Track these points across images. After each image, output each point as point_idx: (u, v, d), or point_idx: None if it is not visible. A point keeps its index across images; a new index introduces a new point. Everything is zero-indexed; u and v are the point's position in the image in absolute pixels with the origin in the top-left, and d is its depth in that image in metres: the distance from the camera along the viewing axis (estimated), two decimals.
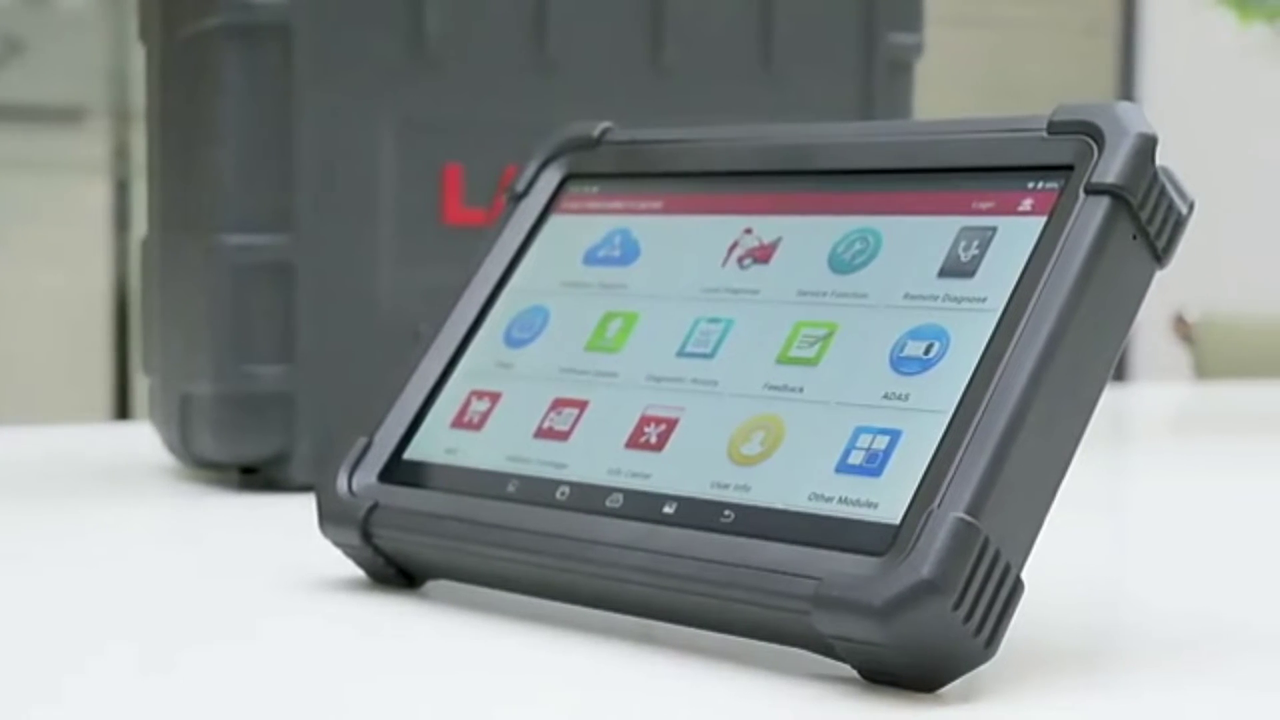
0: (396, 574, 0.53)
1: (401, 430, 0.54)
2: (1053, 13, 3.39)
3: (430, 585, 0.54)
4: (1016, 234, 0.46)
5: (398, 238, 0.75)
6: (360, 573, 0.54)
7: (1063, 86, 3.28)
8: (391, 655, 0.47)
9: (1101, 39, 3.45)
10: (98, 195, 2.63)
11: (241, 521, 0.68)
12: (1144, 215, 0.45)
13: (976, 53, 3.26)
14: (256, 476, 0.75)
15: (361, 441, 0.54)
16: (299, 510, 0.61)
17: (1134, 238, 0.45)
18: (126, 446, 0.91)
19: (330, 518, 0.53)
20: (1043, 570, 0.45)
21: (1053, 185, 0.46)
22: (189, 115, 0.77)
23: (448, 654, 0.47)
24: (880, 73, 0.83)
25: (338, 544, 0.54)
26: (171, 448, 0.78)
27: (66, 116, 2.63)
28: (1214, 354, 2.31)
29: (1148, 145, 0.45)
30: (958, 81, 3.10)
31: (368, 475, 0.54)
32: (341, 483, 0.54)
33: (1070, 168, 0.46)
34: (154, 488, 0.76)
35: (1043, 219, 0.45)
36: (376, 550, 0.53)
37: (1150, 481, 0.92)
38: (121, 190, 2.64)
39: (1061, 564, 0.55)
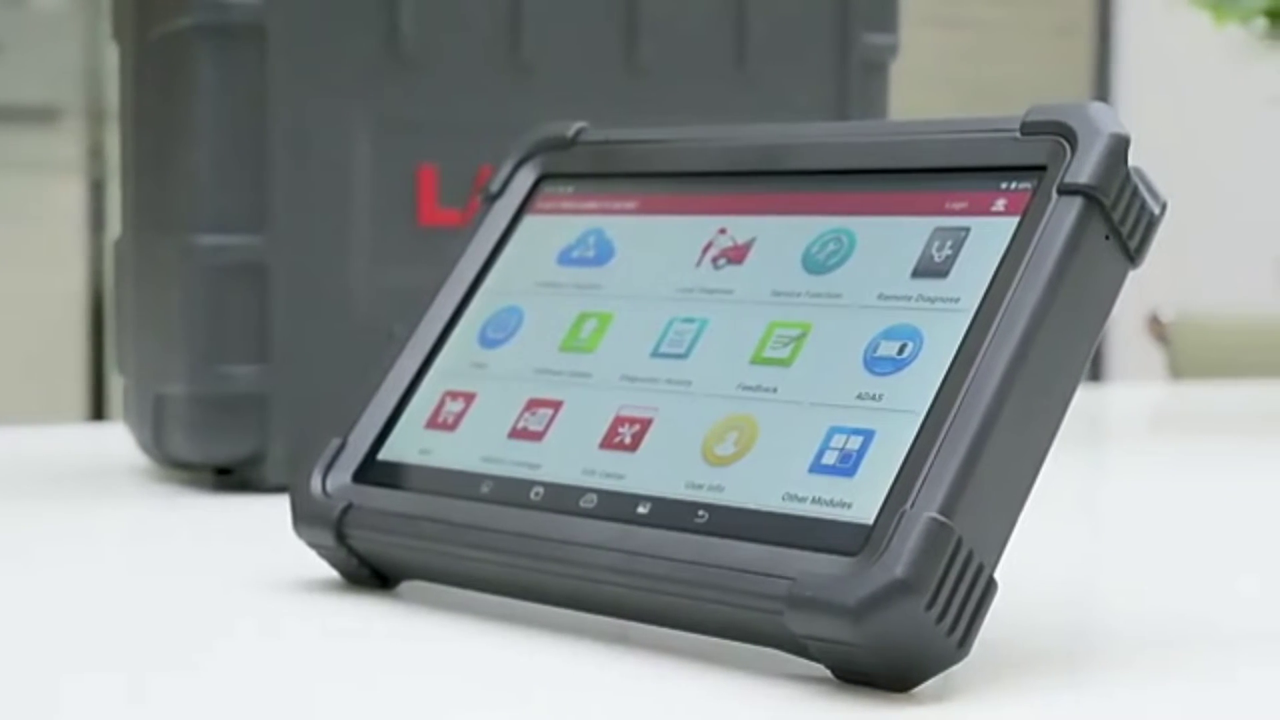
0: (370, 575, 0.53)
1: (376, 431, 0.54)
2: (1027, 13, 3.40)
3: (404, 586, 0.54)
4: (990, 234, 0.46)
5: (373, 238, 0.75)
6: (334, 574, 0.54)
7: (1038, 87, 3.29)
8: (365, 656, 0.47)
9: (1076, 39, 3.46)
10: (72, 195, 2.63)
11: (215, 522, 0.68)
12: (1117, 216, 0.45)
13: (951, 53, 3.26)
14: (231, 477, 0.75)
15: (335, 442, 0.54)
16: (273, 511, 0.61)
17: (1107, 238, 0.45)
18: (101, 447, 0.91)
19: (304, 518, 0.53)
20: (1016, 570, 0.45)
21: (1026, 186, 0.46)
22: (163, 115, 0.76)
23: (421, 655, 0.47)
24: (855, 73, 0.83)
25: (312, 545, 0.54)
26: (146, 448, 0.78)
27: (41, 116, 2.62)
28: (1189, 354, 2.31)
29: (1120, 146, 0.45)
30: (933, 82, 3.10)
31: (342, 476, 0.54)
32: (315, 483, 0.54)
33: (1043, 168, 0.46)
34: (128, 488, 0.76)
35: (1016, 219, 0.45)
36: (350, 551, 0.53)
37: (1124, 481, 0.92)
38: (96, 190, 2.63)
39: (1035, 564, 0.55)
